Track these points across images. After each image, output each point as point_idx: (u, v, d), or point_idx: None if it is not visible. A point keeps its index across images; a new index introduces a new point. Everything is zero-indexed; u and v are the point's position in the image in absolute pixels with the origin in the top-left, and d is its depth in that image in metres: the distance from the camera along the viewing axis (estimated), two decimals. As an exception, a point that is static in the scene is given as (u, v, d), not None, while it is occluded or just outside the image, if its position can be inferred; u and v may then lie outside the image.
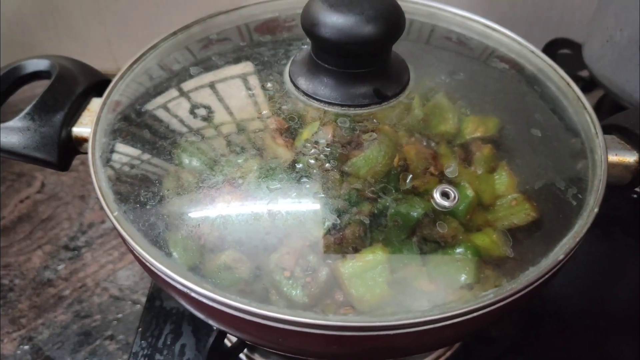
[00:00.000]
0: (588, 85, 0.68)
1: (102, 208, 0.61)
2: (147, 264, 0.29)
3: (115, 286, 0.54)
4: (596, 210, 0.31)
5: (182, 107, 0.36)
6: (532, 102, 0.39)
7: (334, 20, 0.30)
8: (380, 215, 0.30)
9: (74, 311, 0.52)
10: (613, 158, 0.35)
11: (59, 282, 0.54)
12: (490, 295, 0.27)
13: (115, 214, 0.30)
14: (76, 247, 0.57)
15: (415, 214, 0.30)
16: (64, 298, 0.53)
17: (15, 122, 0.35)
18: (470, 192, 0.31)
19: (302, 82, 0.34)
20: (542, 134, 0.35)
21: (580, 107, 0.38)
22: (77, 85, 0.38)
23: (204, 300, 0.28)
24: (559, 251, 0.29)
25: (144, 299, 0.52)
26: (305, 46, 0.37)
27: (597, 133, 0.35)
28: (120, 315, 0.51)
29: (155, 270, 0.29)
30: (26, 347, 0.49)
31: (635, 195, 0.57)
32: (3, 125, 0.35)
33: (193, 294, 0.28)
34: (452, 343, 0.42)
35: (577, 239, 0.30)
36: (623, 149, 0.36)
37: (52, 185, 0.64)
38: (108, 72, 0.41)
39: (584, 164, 0.35)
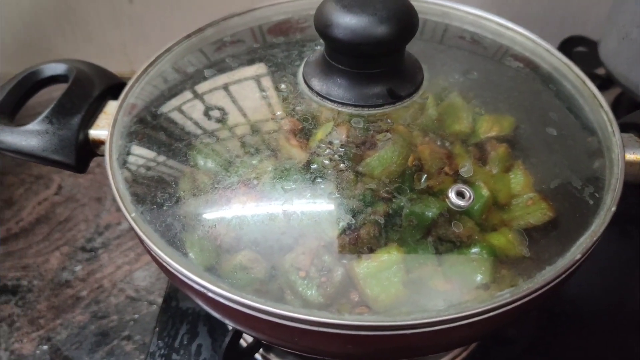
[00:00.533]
0: (605, 83, 0.67)
1: (119, 210, 0.61)
2: (164, 264, 0.29)
3: (131, 287, 0.55)
4: (613, 209, 0.31)
5: (196, 109, 0.37)
6: (547, 100, 0.39)
7: (347, 21, 0.30)
8: (395, 215, 0.30)
9: (92, 312, 0.52)
10: (630, 156, 0.35)
11: (77, 283, 0.55)
12: (506, 295, 0.27)
13: (133, 215, 0.31)
14: (93, 249, 0.58)
15: (431, 213, 0.30)
16: (82, 299, 0.53)
17: (34, 126, 0.35)
18: (485, 192, 0.31)
19: (316, 83, 0.34)
20: (558, 132, 0.35)
21: (597, 105, 0.37)
22: (93, 88, 0.38)
23: (220, 300, 0.28)
24: (576, 250, 0.29)
25: (160, 300, 0.52)
26: (319, 47, 0.37)
27: (613, 131, 0.35)
28: (136, 316, 0.52)
29: (172, 270, 0.29)
30: (45, 347, 0.49)
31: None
32: (22, 128, 0.35)
33: (210, 294, 0.28)
34: (468, 343, 0.42)
35: (595, 238, 0.29)
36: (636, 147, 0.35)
37: (69, 187, 0.65)
38: (124, 74, 0.42)
39: (601, 163, 0.34)
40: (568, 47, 0.69)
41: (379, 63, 0.32)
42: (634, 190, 0.38)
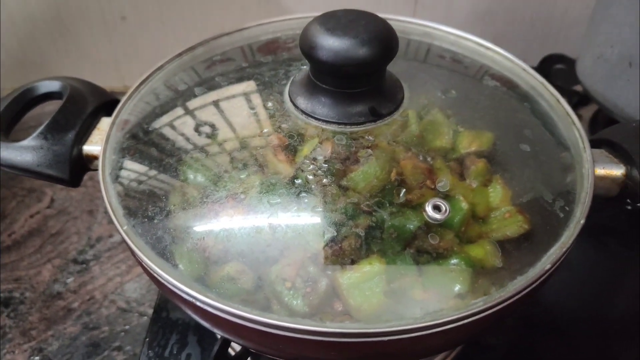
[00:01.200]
0: (583, 99, 0.70)
1: (110, 222, 0.62)
2: (155, 275, 0.31)
3: (122, 298, 0.55)
4: (582, 221, 0.32)
5: (187, 125, 0.38)
6: (523, 118, 0.40)
7: (330, 44, 0.32)
8: (377, 228, 0.31)
9: (83, 323, 0.53)
10: (600, 171, 0.37)
11: (68, 295, 0.56)
12: (479, 303, 0.28)
13: (125, 227, 0.32)
14: (85, 261, 0.59)
15: (411, 226, 0.31)
16: (73, 310, 0.54)
17: (29, 141, 0.36)
18: (464, 205, 0.32)
19: (301, 102, 0.35)
20: (532, 148, 0.37)
21: (569, 123, 0.39)
22: (87, 105, 0.40)
23: (209, 309, 0.29)
24: (546, 261, 0.31)
25: (150, 311, 0.53)
26: (304, 67, 0.39)
27: (584, 147, 0.37)
28: (127, 327, 0.53)
29: (163, 281, 0.30)
30: (36, 358, 0.50)
31: (628, 207, 0.58)
32: (18, 144, 0.36)
33: (198, 303, 0.29)
34: (446, 349, 0.43)
35: (564, 249, 0.31)
36: (610, 162, 0.37)
37: (62, 200, 0.66)
38: (116, 90, 0.43)
39: (573, 177, 0.36)
40: (548, 64, 0.72)
41: (361, 83, 0.34)
42: (608, 204, 0.39)
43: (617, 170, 0.37)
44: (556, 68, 0.72)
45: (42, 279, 0.57)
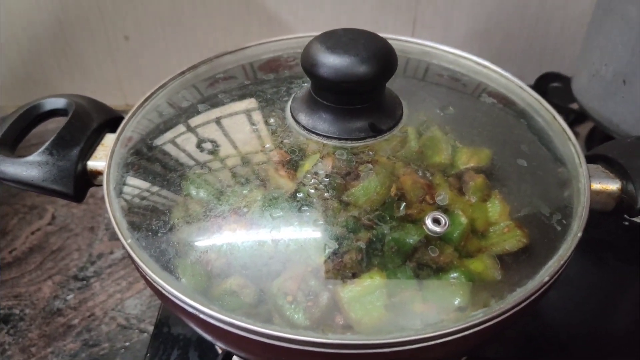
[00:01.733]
0: (579, 117, 0.70)
1: (111, 239, 0.63)
2: (159, 288, 0.31)
3: (122, 315, 0.55)
4: (580, 234, 0.33)
5: (190, 142, 0.39)
6: (520, 134, 0.41)
7: (331, 61, 0.32)
8: (378, 241, 0.32)
9: (83, 340, 0.53)
10: (597, 186, 0.37)
11: (69, 312, 0.56)
12: (479, 315, 0.29)
13: (129, 241, 0.33)
14: (85, 278, 0.59)
15: (411, 240, 0.32)
16: (73, 327, 0.54)
17: (35, 157, 0.37)
18: (463, 220, 0.33)
19: (303, 118, 0.36)
20: (530, 164, 0.37)
21: (565, 139, 0.40)
22: (91, 122, 0.40)
23: (212, 322, 0.30)
24: (544, 274, 0.31)
25: (150, 328, 0.53)
26: (305, 84, 0.40)
27: (580, 163, 0.38)
28: (127, 344, 0.52)
29: (167, 294, 0.31)
30: (36, 375, 0.50)
31: (626, 223, 0.59)
32: (23, 159, 0.37)
33: (202, 316, 0.30)
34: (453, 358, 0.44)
35: (562, 262, 0.32)
36: (606, 177, 0.38)
37: (63, 217, 0.66)
38: (118, 108, 0.44)
39: (570, 192, 0.37)
40: (544, 82, 0.73)
41: (361, 99, 0.35)
42: (607, 219, 0.40)
43: (613, 185, 0.37)
44: (552, 86, 0.73)
45: (42, 296, 0.57)
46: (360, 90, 0.34)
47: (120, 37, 0.76)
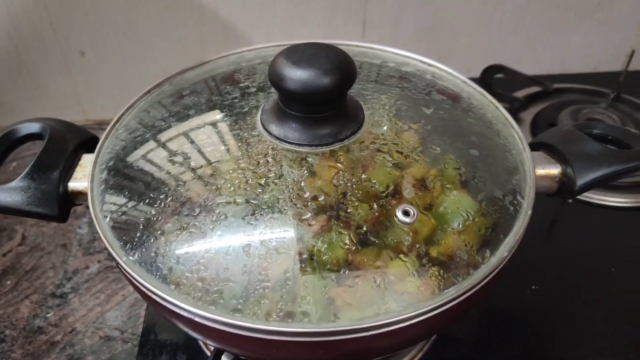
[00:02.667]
0: (523, 104, 0.76)
1: (85, 254, 0.63)
2: (154, 298, 0.33)
3: (104, 327, 0.57)
4: (530, 212, 0.37)
5: (164, 157, 0.40)
6: (469, 127, 0.45)
7: (298, 75, 0.35)
8: (347, 236, 0.35)
9: (67, 355, 0.54)
10: (540, 171, 0.41)
11: (50, 329, 0.57)
12: (451, 292, 0.33)
13: (124, 259, 0.35)
14: (63, 294, 0.60)
15: (386, 235, 0.35)
16: (56, 343, 0.55)
17: (17, 183, 0.38)
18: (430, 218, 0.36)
19: (274, 128, 0.39)
20: (481, 153, 0.41)
21: (509, 128, 0.44)
22: (68, 144, 0.42)
23: (205, 322, 0.32)
24: (504, 249, 0.35)
25: (133, 337, 0.55)
26: (272, 95, 0.42)
27: (524, 148, 0.42)
28: (112, 355, 0.54)
29: (160, 301, 0.33)
30: (25, 393, 0.51)
31: (570, 201, 0.64)
32: (6, 186, 0.38)
33: (197, 319, 0.32)
34: (426, 337, 0.47)
35: (517, 238, 0.36)
36: (548, 163, 0.42)
37: (33, 236, 0.66)
38: (78, 124, 0.45)
39: (518, 176, 0.41)
40: (489, 74, 0.77)
41: (326, 108, 0.38)
42: (551, 199, 0.44)
43: (554, 170, 0.42)
44: (497, 77, 0.78)
45: (21, 316, 0.58)
46: (325, 100, 0.36)
47: (76, 52, 0.77)
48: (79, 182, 0.41)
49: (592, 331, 0.52)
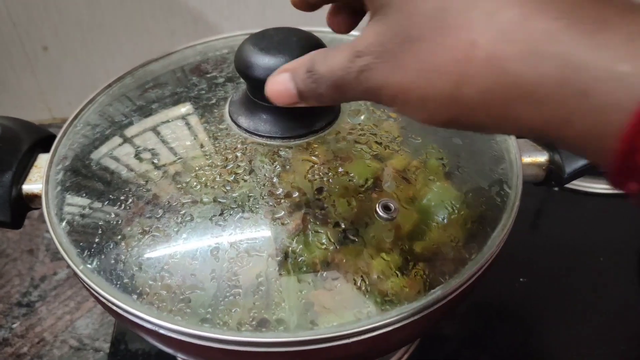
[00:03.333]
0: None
1: (53, 260, 0.60)
2: (114, 308, 0.30)
3: (74, 336, 0.54)
4: (517, 203, 0.35)
5: (128, 154, 0.38)
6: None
7: (266, 62, 0.32)
8: (325, 234, 0.32)
9: (36, 367, 0.51)
10: (527, 159, 0.39)
11: (16, 340, 0.54)
12: (438, 291, 0.30)
13: (81, 267, 0.32)
14: (30, 303, 0.57)
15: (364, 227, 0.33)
16: (23, 355, 0.52)
17: (-36, 187, 0.35)
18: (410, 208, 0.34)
19: (243, 121, 0.36)
20: (463, 141, 0.39)
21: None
22: (21, 143, 0.39)
23: (169, 334, 0.30)
24: (492, 244, 0.33)
25: (105, 346, 0.52)
26: (240, 85, 0.39)
27: (510, 136, 0.40)
28: (83, 365, 0.51)
29: (123, 313, 0.30)
30: (-11, 410, 0.48)
31: (555, 189, 0.62)
32: (-48, 191, 0.35)
33: (162, 331, 0.29)
34: (413, 340, 0.45)
35: (505, 230, 0.34)
36: (535, 150, 0.40)
37: (-3, 243, 0.63)
38: (44, 122, 0.42)
39: (505, 166, 0.39)
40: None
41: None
42: (538, 188, 0.43)
43: (541, 157, 0.40)
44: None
45: (-16, 328, 0.55)
46: (297, 88, 0.34)
47: (38, 47, 0.73)
48: (34, 184, 0.38)
49: (581, 324, 0.51)
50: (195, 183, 0.34)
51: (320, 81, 0.26)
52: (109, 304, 0.31)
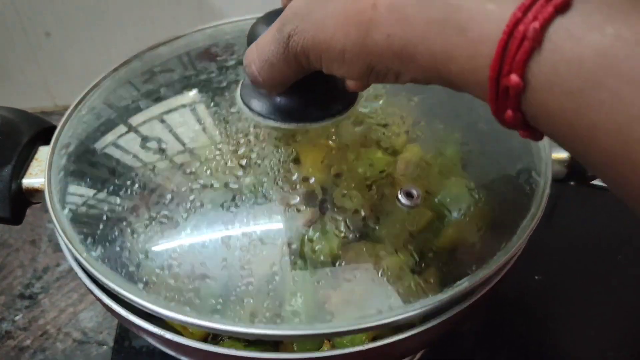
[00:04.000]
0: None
1: (56, 251, 0.59)
2: (119, 313, 0.29)
3: (78, 329, 0.53)
4: (547, 191, 0.34)
5: (134, 142, 0.36)
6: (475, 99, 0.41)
7: (279, 41, 0.31)
8: (343, 222, 0.31)
9: (38, 361, 0.50)
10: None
11: (19, 333, 0.52)
12: (464, 284, 0.29)
13: (84, 255, 0.30)
14: (32, 295, 0.56)
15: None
16: (26, 349, 0.51)
17: (-38, 182, 0.34)
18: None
19: (256, 104, 0.34)
20: (488, 127, 0.37)
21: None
22: (21, 136, 0.37)
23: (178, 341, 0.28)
24: (522, 233, 0.32)
25: (109, 339, 0.51)
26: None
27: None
28: (86, 359, 0.50)
29: (126, 317, 0.29)
30: (-9, 405, 0.47)
31: (572, 183, 0.61)
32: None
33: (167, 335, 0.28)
34: (429, 346, 0.44)
35: (535, 220, 0.32)
36: (557, 146, 0.38)
37: (-1, 233, 0.62)
38: (47, 110, 0.40)
39: (533, 153, 0.37)
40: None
41: (315, 79, 0.33)
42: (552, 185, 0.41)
43: (563, 154, 0.38)
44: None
45: (-14, 320, 0.54)
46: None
47: (41, 34, 0.71)
48: (34, 178, 0.36)
49: (598, 323, 0.49)
50: (205, 168, 0.33)
51: (257, 64, 0.29)
52: (110, 307, 0.29)
